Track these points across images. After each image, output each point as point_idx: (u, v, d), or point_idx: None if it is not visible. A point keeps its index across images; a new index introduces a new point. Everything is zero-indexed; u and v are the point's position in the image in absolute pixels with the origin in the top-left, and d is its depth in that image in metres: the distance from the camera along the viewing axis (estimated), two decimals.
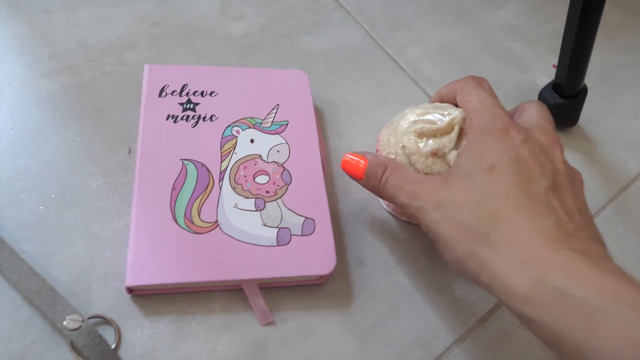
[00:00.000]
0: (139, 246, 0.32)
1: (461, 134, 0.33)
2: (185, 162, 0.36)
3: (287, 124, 0.40)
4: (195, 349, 0.32)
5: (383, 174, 0.32)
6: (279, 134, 0.40)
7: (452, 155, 0.33)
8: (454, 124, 0.33)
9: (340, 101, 0.46)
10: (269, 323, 0.33)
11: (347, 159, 0.34)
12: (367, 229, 0.39)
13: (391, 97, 0.48)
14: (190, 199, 0.35)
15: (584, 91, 0.48)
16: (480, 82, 0.34)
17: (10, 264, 0.31)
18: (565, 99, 0.48)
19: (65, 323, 0.29)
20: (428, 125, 0.33)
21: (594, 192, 0.46)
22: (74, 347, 0.30)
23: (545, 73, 0.54)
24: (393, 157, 0.34)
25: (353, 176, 0.34)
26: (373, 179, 0.33)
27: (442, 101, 0.36)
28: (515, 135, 0.29)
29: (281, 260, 0.34)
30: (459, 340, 0.36)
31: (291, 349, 0.33)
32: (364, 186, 0.34)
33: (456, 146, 0.33)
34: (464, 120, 0.33)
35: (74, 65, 0.42)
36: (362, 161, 0.34)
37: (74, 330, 0.29)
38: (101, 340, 0.30)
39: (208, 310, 0.33)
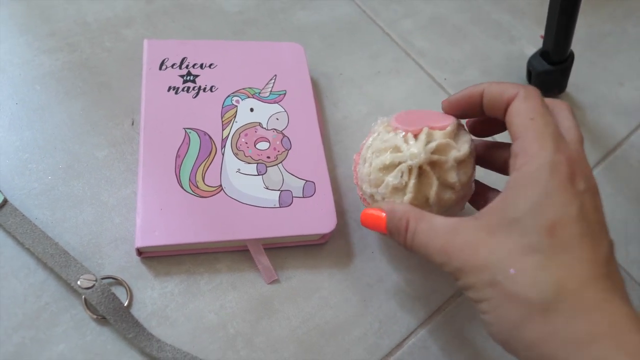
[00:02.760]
0: (147, 210, 0.33)
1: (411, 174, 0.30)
2: (188, 130, 0.37)
3: (285, 94, 0.41)
4: (204, 306, 0.33)
5: (407, 230, 0.28)
6: (277, 102, 0.41)
7: (432, 195, 0.30)
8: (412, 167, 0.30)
9: (335, 73, 0.47)
10: (274, 281, 0.35)
11: (367, 213, 0.31)
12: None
13: (384, 68, 0.49)
14: (195, 165, 0.36)
15: (570, 58, 0.49)
16: (543, 99, 0.28)
17: (23, 229, 0.32)
18: (553, 65, 0.49)
19: (79, 282, 0.31)
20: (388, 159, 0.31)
21: None
22: (88, 305, 0.31)
23: (532, 43, 0.56)
24: (360, 193, 0.33)
25: (378, 230, 0.30)
26: (397, 236, 0.29)
27: (483, 100, 0.30)
28: (580, 182, 0.25)
29: (284, 221, 0.35)
30: (455, 294, 0.37)
31: (296, 305, 0.34)
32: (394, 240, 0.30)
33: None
34: (427, 160, 0.29)
35: (74, 42, 0.43)
36: (382, 214, 0.30)
37: (88, 288, 0.31)
38: (114, 298, 0.31)
39: (215, 270, 0.34)
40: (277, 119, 0.40)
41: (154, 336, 0.31)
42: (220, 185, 0.35)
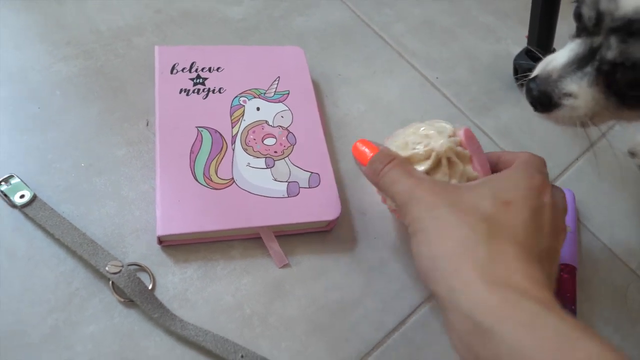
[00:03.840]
0: (166, 202, 0.36)
1: (439, 164, 0.34)
2: (200, 129, 0.40)
3: (289, 94, 0.44)
4: (221, 289, 0.36)
5: (389, 163, 0.33)
6: (281, 102, 0.44)
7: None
8: (432, 152, 0.33)
9: (333, 74, 0.50)
10: (285, 265, 0.37)
11: (360, 144, 0.35)
12: (365, 185, 0.43)
13: (379, 69, 0.52)
14: (207, 160, 0.39)
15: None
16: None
17: (53, 222, 0.35)
18: (536, 62, 0.52)
19: (107, 268, 0.33)
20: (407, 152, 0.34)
21: (567, 147, 0.51)
22: (115, 289, 0.34)
23: (517, 43, 0.59)
24: (394, 206, 0.35)
25: (360, 161, 0.35)
26: (378, 164, 0.33)
27: (499, 162, 0.35)
28: (547, 197, 0.30)
29: (292, 209, 0.38)
30: None
31: (305, 287, 0.37)
32: (365, 172, 0.35)
33: (433, 175, 0.34)
34: (447, 151, 0.33)
35: (89, 50, 0.45)
36: (370, 152, 0.34)
37: (116, 273, 0.33)
38: (140, 282, 0.34)
39: (230, 257, 0.37)
40: (282, 116, 0.43)
41: (177, 316, 0.33)
42: (232, 178, 0.38)
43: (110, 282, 0.34)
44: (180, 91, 0.42)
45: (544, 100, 0.33)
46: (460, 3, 0.62)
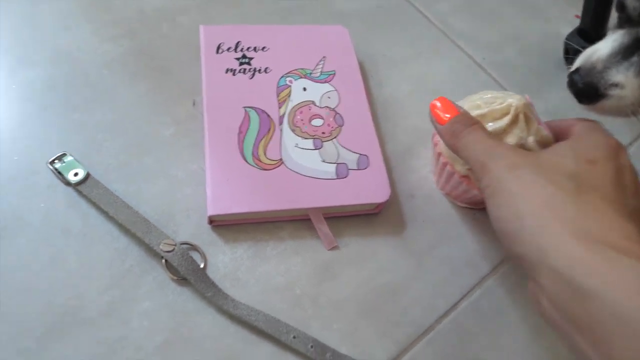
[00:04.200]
0: (216, 182, 0.36)
1: (517, 119, 0.34)
2: (247, 109, 0.40)
3: (335, 74, 0.44)
4: (271, 270, 0.36)
5: (472, 125, 0.32)
6: (328, 82, 0.43)
7: (530, 142, 0.34)
8: (510, 107, 0.34)
9: (378, 54, 0.49)
10: (334, 247, 0.37)
11: (439, 102, 0.34)
12: (413, 167, 0.43)
13: (425, 49, 0.51)
14: (256, 140, 0.38)
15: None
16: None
17: (107, 199, 0.35)
18: (590, 43, 0.50)
19: (161, 246, 0.33)
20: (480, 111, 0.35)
21: (619, 132, 0.49)
22: (168, 267, 0.34)
23: (567, 22, 0.57)
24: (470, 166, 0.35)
25: (436, 120, 0.34)
26: (459, 126, 0.32)
27: (553, 130, 0.35)
28: (626, 158, 0.29)
29: (342, 191, 0.37)
30: (504, 260, 0.39)
31: (355, 269, 0.37)
32: (442, 131, 0.33)
33: (510, 131, 0.34)
34: (524, 106, 0.34)
35: (134, 29, 0.45)
36: (447, 115, 0.33)
37: (169, 252, 0.33)
38: (193, 261, 0.34)
39: (279, 238, 0.37)
40: (329, 97, 0.42)
41: (229, 295, 0.34)
42: (281, 159, 0.38)
43: (163, 260, 0.34)
44: (227, 71, 0.42)
45: (590, 91, 0.32)
46: None
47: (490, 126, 0.35)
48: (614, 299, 0.22)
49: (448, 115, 0.33)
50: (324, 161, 0.38)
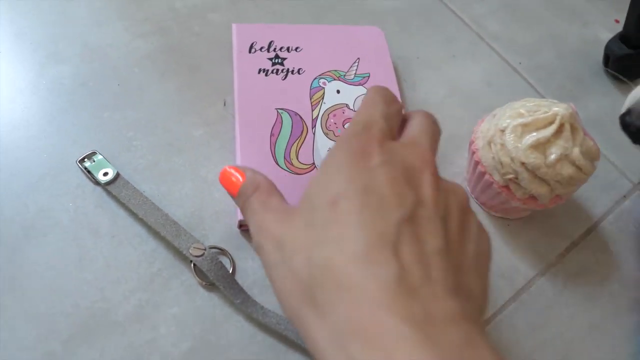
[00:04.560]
0: None
1: (562, 129, 0.33)
2: (280, 111, 0.39)
3: (369, 77, 0.42)
4: None
5: (252, 194, 0.27)
6: (362, 85, 0.42)
7: (575, 154, 0.33)
8: (556, 116, 0.33)
9: (412, 56, 0.48)
10: None
11: (224, 171, 0.29)
12: (447, 174, 0.41)
13: (459, 52, 0.50)
14: (288, 144, 0.37)
15: None
16: (384, 91, 0.28)
17: (136, 201, 0.34)
18: (633, 49, 0.48)
19: (190, 251, 0.33)
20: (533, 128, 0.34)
21: None
22: (197, 272, 0.33)
23: (607, 28, 0.55)
24: (512, 176, 0.35)
25: (228, 192, 0.29)
26: (241, 199, 0.28)
27: None
28: (374, 156, 0.24)
29: None
30: (539, 274, 0.38)
31: None
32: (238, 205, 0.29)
33: (555, 141, 0.33)
34: (570, 116, 0.33)
35: (165, 27, 0.45)
36: (240, 177, 0.29)
37: (198, 256, 0.33)
38: (222, 266, 0.33)
39: None
40: None
41: (258, 303, 0.33)
42: (314, 163, 0.37)
43: (192, 264, 0.33)
44: (259, 71, 0.41)
45: None
46: None
47: (534, 136, 0.33)
48: None
49: (239, 176, 0.29)
50: None
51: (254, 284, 0.34)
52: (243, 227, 0.35)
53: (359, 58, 0.43)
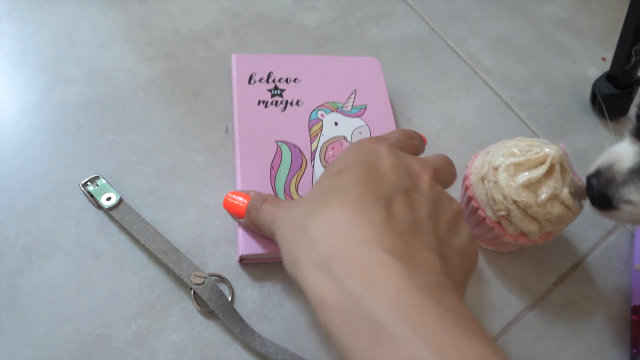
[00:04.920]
0: None
1: (552, 170, 0.35)
2: (280, 143, 0.40)
3: (366, 108, 0.44)
4: (299, 307, 0.35)
5: (262, 204, 0.32)
6: (359, 117, 0.43)
7: (565, 194, 0.35)
8: (547, 157, 0.35)
9: (408, 88, 0.50)
10: None
11: (228, 197, 0.34)
12: None
13: (454, 86, 0.51)
14: (288, 177, 0.38)
15: (636, 82, 0.51)
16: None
17: (138, 227, 0.35)
18: (619, 89, 0.50)
19: (191, 278, 0.33)
20: (526, 171, 0.35)
21: None
22: (196, 299, 0.34)
23: (594, 65, 0.57)
24: (504, 213, 0.36)
25: (235, 215, 0.34)
26: (252, 213, 0.32)
27: None
28: (383, 148, 0.28)
29: None
30: (528, 307, 0.39)
31: None
32: (245, 224, 0.34)
33: (545, 181, 0.35)
34: (560, 157, 0.35)
35: (169, 52, 0.46)
36: (244, 199, 0.33)
37: (199, 284, 0.33)
38: (222, 295, 0.34)
39: None
40: (360, 132, 0.42)
41: (256, 332, 0.33)
42: None
43: (192, 291, 0.34)
44: (259, 103, 0.42)
45: (604, 201, 0.32)
46: (536, 20, 0.60)
47: (526, 175, 0.35)
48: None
49: (243, 199, 0.33)
50: None
51: (252, 313, 0.35)
52: (244, 261, 0.36)
53: (355, 90, 0.45)
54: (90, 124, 0.40)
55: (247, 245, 0.35)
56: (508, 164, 0.36)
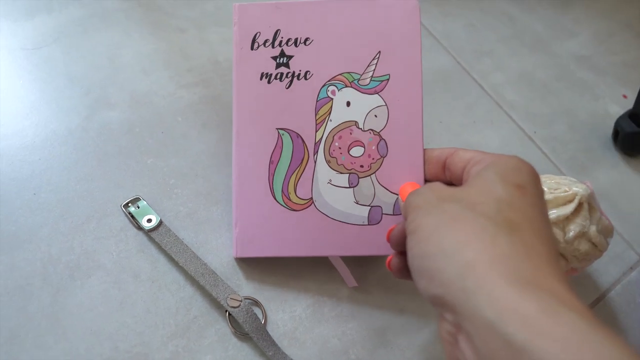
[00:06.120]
0: (243, 221, 0.36)
1: (581, 208, 0.36)
2: (281, 132, 0.36)
3: (388, 79, 0.37)
4: (329, 332, 0.36)
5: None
6: (377, 93, 0.37)
7: (592, 231, 0.36)
8: (576, 195, 0.36)
9: (434, 121, 0.51)
10: (387, 309, 0.38)
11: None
12: None
13: (479, 119, 0.53)
14: (287, 174, 0.36)
15: None
16: None
17: (177, 249, 0.36)
18: None
19: (228, 301, 0.34)
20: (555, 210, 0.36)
21: None
22: (231, 321, 0.35)
23: (616, 102, 0.59)
24: None
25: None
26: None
27: (432, 162, 0.34)
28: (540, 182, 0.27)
29: (371, 240, 0.36)
30: None
31: (409, 336, 0.37)
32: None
33: (573, 219, 0.36)
34: (588, 196, 0.36)
35: (207, 78, 0.47)
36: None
37: (235, 307, 0.34)
38: (256, 318, 0.35)
39: (338, 299, 0.38)
40: (376, 115, 0.37)
41: (288, 355, 0.34)
42: (312, 198, 0.36)
43: (227, 314, 0.35)
44: (262, 77, 0.37)
45: None
46: (557, 56, 0.62)
47: (554, 213, 0.36)
48: (552, 356, 0.19)
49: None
50: (357, 203, 0.36)
51: (284, 336, 0.35)
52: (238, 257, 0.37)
53: (380, 52, 0.37)
54: (131, 146, 0.42)
55: (242, 247, 0.36)
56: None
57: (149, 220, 0.37)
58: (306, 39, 0.37)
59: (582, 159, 0.53)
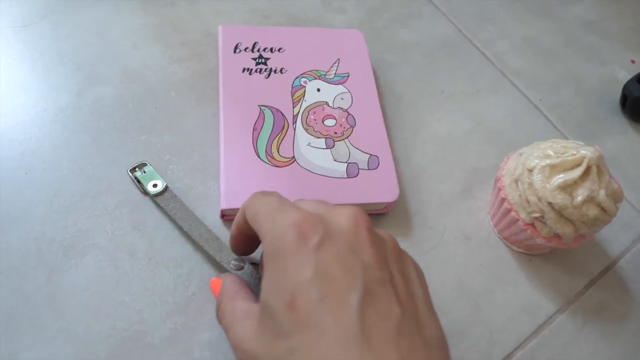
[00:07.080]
0: (230, 177, 0.37)
1: (589, 172, 0.35)
2: (262, 107, 0.41)
3: (348, 76, 0.45)
4: None
5: (219, 306, 0.29)
6: (341, 84, 0.44)
7: (601, 196, 0.34)
8: (584, 159, 0.34)
9: (437, 90, 0.49)
10: None
11: (213, 282, 0.33)
12: (470, 208, 0.42)
13: (483, 87, 0.51)
14: (270, 138, 0.39)
15: None
16: (267, 192, 0.29)
17: (182, 214, 0.36)
18: None
19: (231, 265, 0.34)
20: (562, 173, 0.35)
21: None
22: None
23: (623, 67, 0.57)
24: (538, 215, 0.36)
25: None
26: (216, 311, 0.30)
27: (239, 231, 0.31)
28: (310, 236, 0.24)
29: (352, 190, 0.38)
30: (559, 310, 0.39)
31: None
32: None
33: (581, 183, 0.35)
34: (597, 159, 0.34)
35: (201, 52, 0.46)
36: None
37: (239, 270, 0.33)
38: (260, 281, 0.34)
39: None
40: (342, 98, 0.43)
41: None
42: (293, 157, 0.39)
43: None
44: (243, 70, 0.43)
45: None
46: (563, 22, 0.60)
47: (562, 177, 0.35)
48: None
49: None
50: (335, 160, 0.39)
51: None
52: (225, 217, 0.37)
53: (339, 59, 0.46)
54: (124, 123, 0.40)
55: (229, 199, 0.36)
56: (543, 166, 0.35)
57: (155, 185, 0.37)
58: (279, 48, 0.45)
59: (589, 126, 0.51)
